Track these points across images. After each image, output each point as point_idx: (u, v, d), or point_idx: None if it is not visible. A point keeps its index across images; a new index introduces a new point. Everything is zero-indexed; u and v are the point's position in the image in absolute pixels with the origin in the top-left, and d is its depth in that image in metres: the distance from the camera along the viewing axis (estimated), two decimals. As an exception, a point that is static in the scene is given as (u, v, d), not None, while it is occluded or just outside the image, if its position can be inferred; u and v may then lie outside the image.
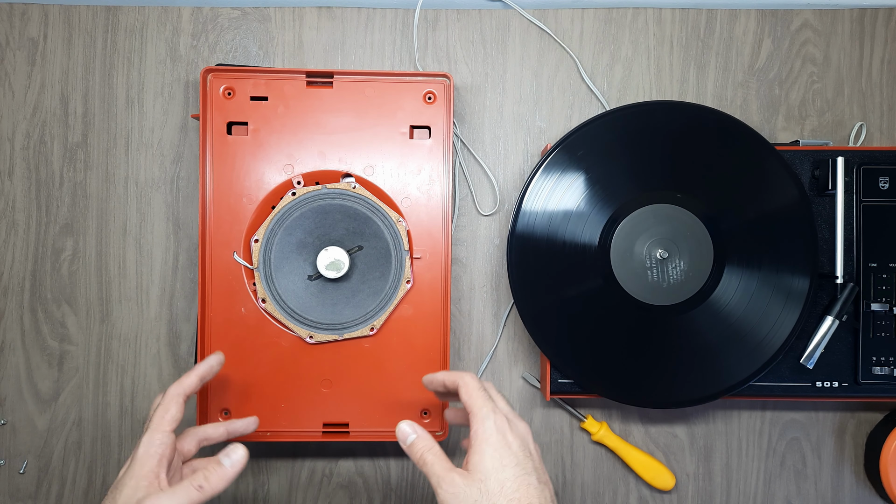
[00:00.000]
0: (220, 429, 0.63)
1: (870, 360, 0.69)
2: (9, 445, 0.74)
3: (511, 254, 0.68)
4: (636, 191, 0.67)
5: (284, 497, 0.75)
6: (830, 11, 0.76)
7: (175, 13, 0.75)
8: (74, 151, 0.74)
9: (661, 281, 0.67)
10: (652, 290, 0.67)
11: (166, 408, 0.57)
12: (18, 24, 0.74)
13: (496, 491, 0.51)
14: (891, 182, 0.69)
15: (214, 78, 0.69)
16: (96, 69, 0.74)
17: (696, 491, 0.75)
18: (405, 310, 0.70)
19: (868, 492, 0.75)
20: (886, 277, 0.69)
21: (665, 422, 0.75)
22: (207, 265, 0.69)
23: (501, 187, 0.75)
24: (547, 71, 0.76)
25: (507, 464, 0.52)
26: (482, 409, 0.55)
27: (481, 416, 0.54)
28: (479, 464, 0.52)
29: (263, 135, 0.69)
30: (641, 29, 0.76)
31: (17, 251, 0.74)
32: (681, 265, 0.67)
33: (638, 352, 0.68)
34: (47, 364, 0.74)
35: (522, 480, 0.52)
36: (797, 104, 0.76)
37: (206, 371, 0.61)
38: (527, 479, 0.52)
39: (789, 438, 0.75)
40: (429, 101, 0.70)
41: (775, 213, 0.67)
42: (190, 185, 0.74)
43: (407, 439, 0.56)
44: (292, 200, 0.69)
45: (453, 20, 0.75)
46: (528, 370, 0.75)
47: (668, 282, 0.67)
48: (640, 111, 0.68)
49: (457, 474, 0.52)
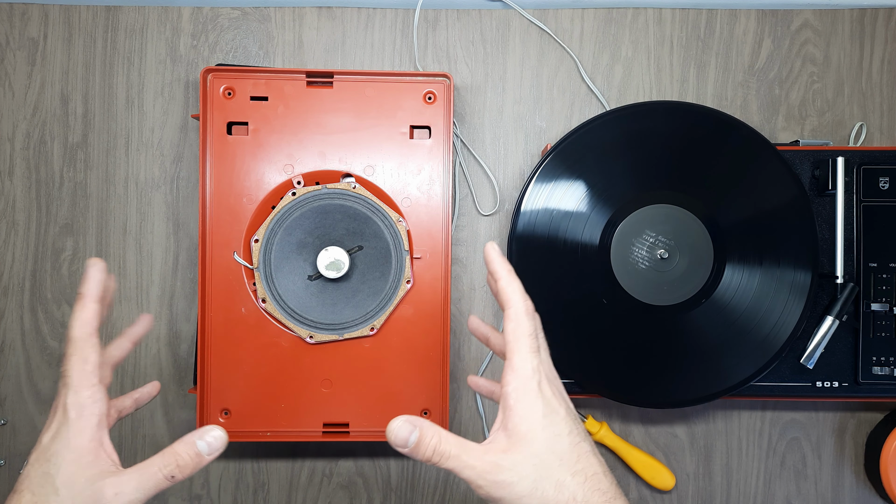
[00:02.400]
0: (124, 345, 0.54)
1: (870, 360, 0.69)
2: (9, 445, 0.74)
3: (511, 254, 0.68)
4: (636, 191, 0.67)
5: (284, 497, 0.75)
6: (830, 11, 0.76)
7: (175, 13, 0.75)
8: (74, 151, 0.74)
9: (662, 281, 0.67)
10: (652, 290, 0.67)
11: (82, 357, 0.46)
12: (18, 24, 0.74)
13: (555, 464, 0.42)
14: (891, 182, 0.69)
15: (214, 78, 0.69)
16: (96, 69, 0.74)
17: (696, 491, 0.75)
18: (405, 310, 0.70)
19: (868, 492, 0.75)
20: (886, 277, 0.69)
21: (665, 422, 0.75)
22: (207, 265, 0.69)
23: (501, 187, 0.75)
24: (547, 71, 0.76)
25: (561, 431, 0.43)
26: (531, 360, 0.44)
27: (529, 371, 0.44)
28: (529, 433, 0.43)
29: (263, 135, 0.69)
30: (641, 29, 0.76)
31: (17, 251, 0.74)
32: (681, 265, 0.67)
33: (638, 352, 0.68)
34: (47, 364, 0.74)
35: (581, 448, 0.44)
36: (797, 104, 0.76)
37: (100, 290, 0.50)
38: (584, 447, 0.44)
39: (789, 438, 0.75)
40: (429, 101, 0.70)
41: (775, 213, 0.67)
42: (190, 185, 0.74)
43: (409, 441, 0.44)
44: (292, 200, 0.69)
45: (453, 20, 0.75)
46: (528, 370, 0.75)
47: (668, 282, 0.67)
48: (641, 111, 0.68)
49: (500, 456, 0.42)
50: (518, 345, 0.45)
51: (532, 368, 0.44)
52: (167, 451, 0.46)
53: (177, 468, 0.45)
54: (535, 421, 0.43)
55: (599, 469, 0.43)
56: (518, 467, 0.42)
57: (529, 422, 0.43)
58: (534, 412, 0.43)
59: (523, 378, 0.44)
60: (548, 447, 0.43)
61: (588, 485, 0.43)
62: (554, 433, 0.43)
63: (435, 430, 0.44)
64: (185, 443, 0.46)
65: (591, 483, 0.43)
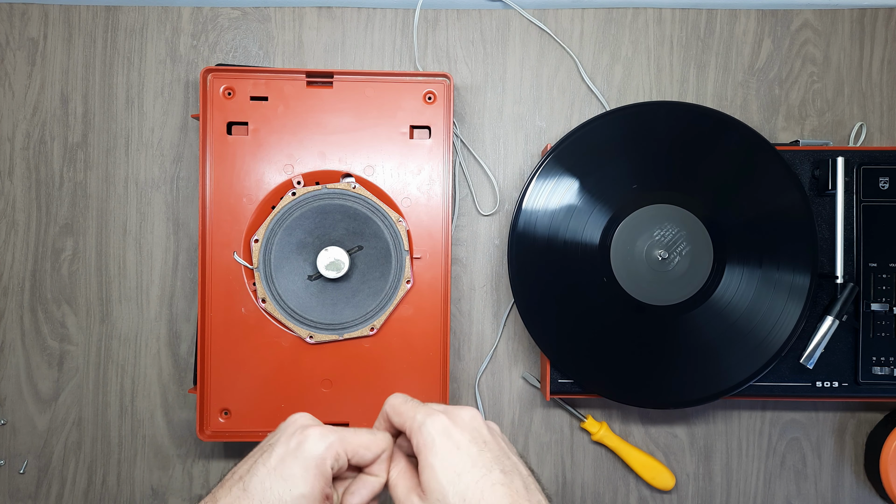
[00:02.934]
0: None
1: (870, 360, 0.69)
2: (9, 445, 0.74)
3: (511, 254, 0.68)
4: (636, 191, 0.67)
5: (284, 497, 0.74)
6: (830, 11, 0.76)
7: (175, 13, 0.75)
8: (74, 151, 0.74)
9: (662, 281, 0.67)
10: (652, 290, 0.67)
11: (361, 435, 0.47)
12: (18, 24, 0.74)
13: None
14: (891, 182, 0.69)
15: (214, 78, 0.69)
16: (96, 69, 0.74)
17: (696, 491, 0.75)
18: (405, 310, 0.70)
19: (868, 492, 0.75)
20: (886, 277, 0.69)
21: (665, 422, 0.75)
22: (207, 265, 0.69)
23: (501, 187, 0.75)
24: (547, 71, 0.76)
25: (462, 469, 0.44)
26: (414, 418, 0.46)
27: (416, 426, 0.45)
28: (432, 481, 0.44)
29: (263, 135, 0.69)
30: (641, 29, 0.76)
31: (17, 251, 0.74)
32: (681, 265, 0.67)
33: (638, 352, 0.68)
34: (47, 364, 0.74)
35: (485, 481, 0.43)
36: (797, 104, 0.76)
37: None
38: (489, 478, 0.43)
39: (789, 438, 0.75)
40: (429, 101, 0.70)
41: (775, 213, 0.67)
42: (190, 185, 0.74)
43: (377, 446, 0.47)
44: (292, 200, 0.69)
45: (453, 20, 0.75)
46: (528, 370, 0.75)
47: (668, 282, 0.67)
48: (641, 111, 0.68)
49: (416, 500, 0.45)
50: (402, 414, 0.47)
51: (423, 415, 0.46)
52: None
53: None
54: (438, 468, 0.44)
55: (506, 500, 0.43)
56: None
57: (436, 472, 0.44)
58: (436, 459, 0.44)
59: (416, 428, 0.45)
60: (453, 491, 0.43)
61: None
62: (454, 473, 0.44)
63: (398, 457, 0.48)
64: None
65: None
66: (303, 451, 0.44)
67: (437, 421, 0.45)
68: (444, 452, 0.44)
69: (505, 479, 0.44)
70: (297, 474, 0.44)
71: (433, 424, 0.45)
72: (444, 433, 0.45)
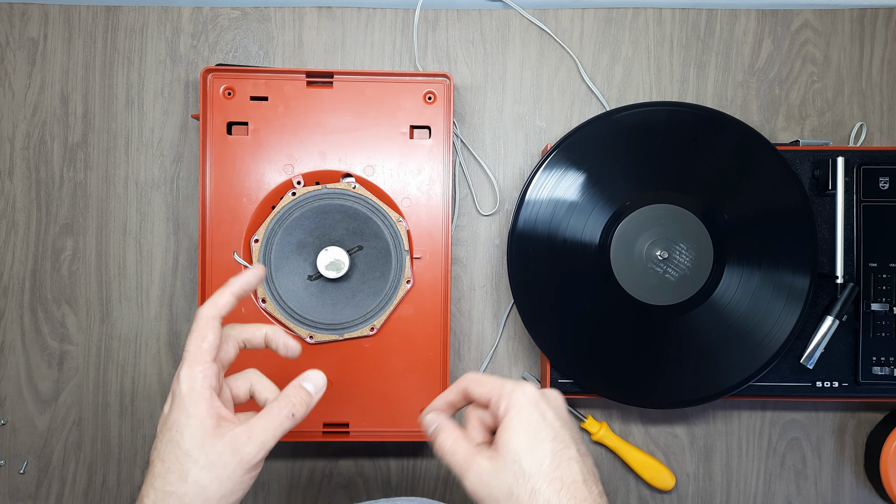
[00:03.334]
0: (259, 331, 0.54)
1: (870, 360, 0.69)
2: (9, 445, 0.74)
3: (511, 254, 0.68)
4: (636, 191, 0.67)
5: (284, 497, 0.75)
6: (830, 11, 0.76)
7: (175, 13, 0.75)
8: (74, 151, 0.74)
9: (662, 281, 0.67)
10: (652, 290, 0.67)
11: (202, 335, 0.48)
12: (18, 24, 0.74)
13: (534, 471, 0.44)
14: (891, 182, 0.69)
15: (214, 78, 0.69)
16: (96, 69, 0.74)
17: (696, 491, 0.75)
18: (405, 310, 0.70)
19: (868, 492, 0.75)
20: (886, 277, 0.69)
21: (665, 422, 0.75)
22: (207, 265, 0.69)
23: (501, 187, 0.75)
24: (547, 71, 0.76)
25: (544, 438, 0.45)
26: (505, 384, 0.47)
27: (507, 391, 0.47)
28: (511, 441, 0.45)
29: (263, 135, 0.69)
30: (641, 29, 0.76)
31: (17, 251, 0.74)
32: (681, 265, 0.67)
33: (638, 352, 0.68)
34: (47, 364, 0.74)
35: (563, 455, 0.44)
36: (797, 104, 0.76)
37: (243, 287, 0.51)
38: (567, 453, 0.45)
39: (789, 438, 0.75)
40: (429, 101, 0.70)
41: (775, 212, 0.67)
42: (190, 185, 0.74)
43: (430, 428, 0.49)
44: (292, 200, 0.69)
45: (453, 20, 0.75)
46: (528, 370, 0.75)
47: (668, 282, 0.67)
48: (640, 111, 0.68)
49: (484, 458, 0.45)
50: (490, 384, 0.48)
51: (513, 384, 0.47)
52: (280, 396, 0.49)
53: (293, 406, 0.49)
54: (521, 430, 0.45)
55: (579, 477, 0.44)
56: (500, 474, 0.44)
57: (517, 434, 0.45)
58: (521, 422, 0.46)
59: (508, 393, 0.47)
60: (531, 455, 0.44)
61: (564, 492, 0.44)
62: (537, 440, 0.45)
63: (451, 429, 0.48)
64: (293, 387, 0.50)
65: (567, 491, 0.44)
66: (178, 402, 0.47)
67: (529, 390, 0.47)
68: (530, 418, 0.45)
69: (580, 458, 0.45)
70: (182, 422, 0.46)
71: (524, 392, 0.47)
72: (533, 402, 0.46)
